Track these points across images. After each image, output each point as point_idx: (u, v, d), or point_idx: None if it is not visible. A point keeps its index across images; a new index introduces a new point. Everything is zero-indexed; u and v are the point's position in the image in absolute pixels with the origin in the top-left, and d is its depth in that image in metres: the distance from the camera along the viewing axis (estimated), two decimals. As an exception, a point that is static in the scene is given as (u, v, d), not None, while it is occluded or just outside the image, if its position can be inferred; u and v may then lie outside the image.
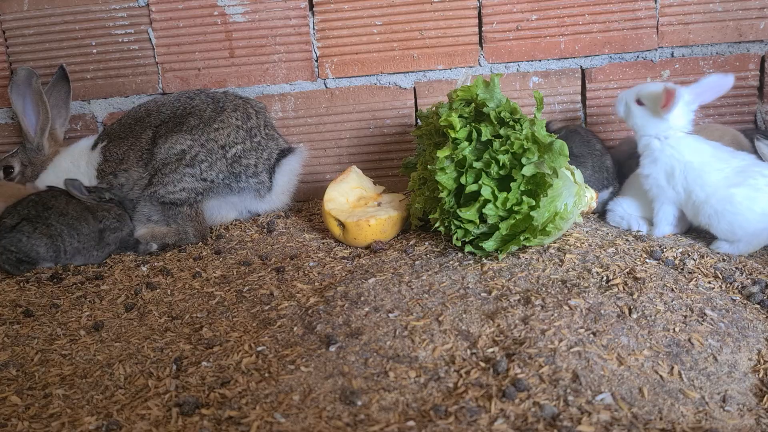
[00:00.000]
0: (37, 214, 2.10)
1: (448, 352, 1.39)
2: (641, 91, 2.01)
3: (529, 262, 1.78)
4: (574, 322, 1.46)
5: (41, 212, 2.11)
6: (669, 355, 1.37)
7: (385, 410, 1.22)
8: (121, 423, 1.26)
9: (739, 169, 1.87)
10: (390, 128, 2.64)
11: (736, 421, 1.20)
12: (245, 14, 2.57)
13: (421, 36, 2.55)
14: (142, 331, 1.67)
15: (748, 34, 2.48)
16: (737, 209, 1.83)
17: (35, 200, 2.16)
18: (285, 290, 1.80)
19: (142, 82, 2.65)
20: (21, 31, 2.63)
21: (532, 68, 2.56)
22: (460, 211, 1.79)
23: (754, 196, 1.82)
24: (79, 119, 2.70)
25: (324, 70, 2.60)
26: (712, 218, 1.87)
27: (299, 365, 1.39)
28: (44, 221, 2.09)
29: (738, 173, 1.87)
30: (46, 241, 2.07)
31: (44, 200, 2.16)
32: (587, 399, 1.21)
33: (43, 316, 1.80)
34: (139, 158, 2.36)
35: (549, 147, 1.72)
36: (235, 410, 1.25)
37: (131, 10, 2.60)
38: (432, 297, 1.63)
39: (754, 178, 1.84)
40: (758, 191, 1.82)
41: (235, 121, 2.34)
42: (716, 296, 1.61)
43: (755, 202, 1.82)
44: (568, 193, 1.84)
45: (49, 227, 2.08)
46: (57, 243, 2.09)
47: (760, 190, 1.82)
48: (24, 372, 1.50)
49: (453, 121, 1.81)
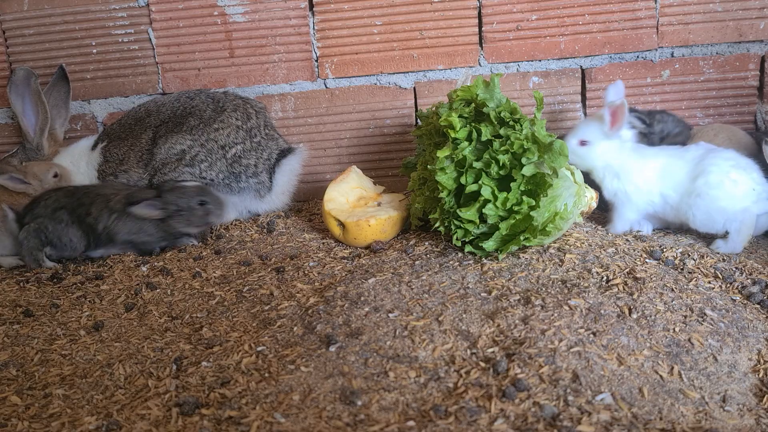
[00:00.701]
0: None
1: (448, 352, 1.39)
2: (576, 134, 2.03)
3: (529, 262, 1.78)
4: (574, 322, 1.46)
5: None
6: (669, 355, 1.37)
7: (385, 410, 1.22)
8: (121, 423, 1.26)
9: (697, 160, 1.92)
10: (390, 128, 2.64)
11: (736, 421, 1.20)
12: (245, 14, 2.57)
13: (421, 36, 2.55)
14: (142, 331, 1.67)
15: (748, 34, 2.48)
16: (707, 198, 1.86)
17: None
18: (285, 290, 1.80)
19: (142, 82, 2.65)
20: (21, 31, 2.63)
21: (532, 68, 2.56)
22: (460, 211, 1.79)
23: (718, 181, 1.86)
24: (79, 119, 2.70)
25: (324, 70, 2.60)
26: (689, 213, 1.91)
27: (299, 365, 1.39)
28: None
29: (696, 165, 1.91)
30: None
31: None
32: (587, 399, 1.21)
33: (43, 316, 1.80)
34: (139, 159, 2.36)
35: (549, 147, 1.72)
36: (235, 410, 1.25)
37: (131, 10, 2.60)
38: (432, 297, 1.63)
39: (713, 165, 1.88)
40: (721, 175, 1.86)
41: (235, 121, 2.34)
42: (716, 296, 1.61)
43: (720, 187, 1.85)
44: (568, 193, 1.84)
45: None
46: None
47: (723, 173, 1.86)
48: (24, 372, 1.50)
49: (453, 121, 1.81)
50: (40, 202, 2.17)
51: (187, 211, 2.11)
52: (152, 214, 2.10)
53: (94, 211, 2.12)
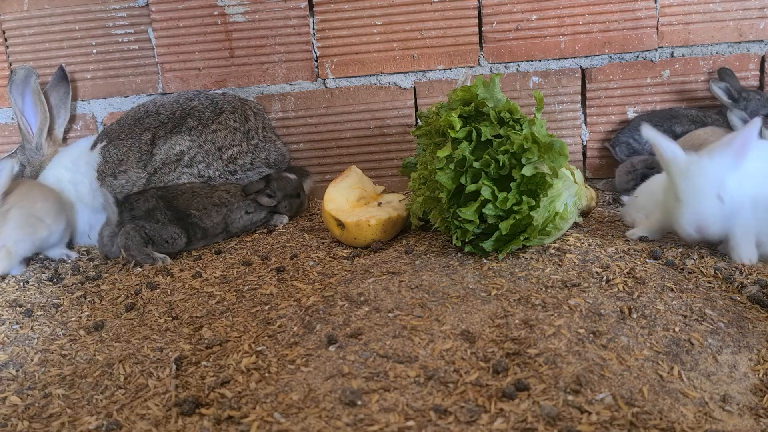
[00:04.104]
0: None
1: (448, 352, 1.39)
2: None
3: (529, 262, 1.78)
4: (574, 322, 1.46)
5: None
6: (669, 355, 1.37)
7: (385, 410, 1.22)
8: (121, 423, 1.26)
9: None
10: (390, 128, 2.64)
11: (736, 421, 1.20)
12: (245, 14, 2.57)
13: (421, 36, 2.55)
14: (142, 331, 1.66)
15: (748, 34, 2.48)
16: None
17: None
18: (285, 290, 1.79)
19: (142, 82, 2.65)
20: (21, 31, 2.63)
21: (532, 68, 2.56)
22: (460, 211, 1.79)
23: None
24: (79, 119, 2.70)
25: (324, 69, 2.60)
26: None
27: (299, 365, 1.39)
28: None
29: None
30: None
31: None
32: (587, 399, 1.21)
33: (43, 316, 1.80)
34: (138, 159, 2.36)
35: (549, 147, 1.72)
36: (235, 410, 1.25)
37: (131, 10, 2.60)
38: (432, 297, 1.63)
39: None
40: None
41: (232, 123, 2.34)
42: (716, 296, 1.61)
43: None
44: (568, 194, 1.84)
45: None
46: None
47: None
48: (24, 372, 1.50)
49: (453, 120, 1.81)
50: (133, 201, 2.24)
51: (291, 198, 2.42)
52: (270, 203, 2.34)
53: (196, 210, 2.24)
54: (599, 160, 2.64)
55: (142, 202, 2.18)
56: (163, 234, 2.15)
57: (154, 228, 2.14)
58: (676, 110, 2.50)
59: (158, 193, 2.23)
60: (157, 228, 2.14)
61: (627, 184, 2.36)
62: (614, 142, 2.53)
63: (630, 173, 2.37)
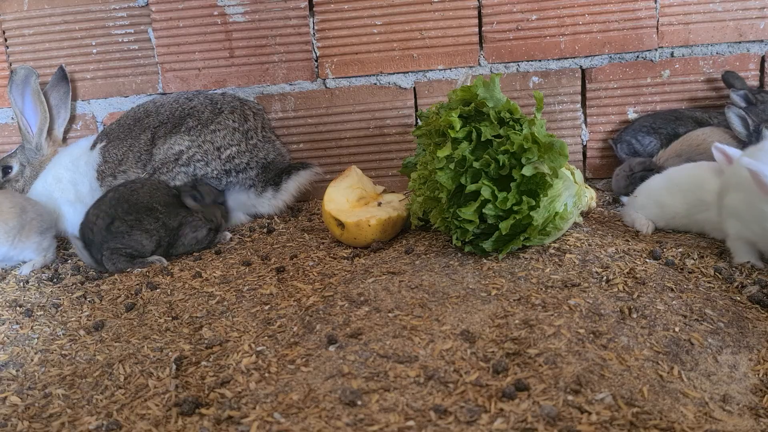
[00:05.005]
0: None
1: (448, 352, 1.39)
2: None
3: (529, 262, 1.78)
4: (574, 322, 1.46)
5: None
6: (669, 355, 1.37)
7: (385, 410, 1.22)
8: (121, 423, 1.26)
9: None
10: (390, 128, 2.64)
11: (736, 421, 1.20)
12: (245, 14, 2.57)
13: (421, 36, 2.55)
14: (142, 331, 1.66)
15: (748, 34, 2.48)
16: None
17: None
18: (285, 290, 1.79)
19: (142, 82, 2.65)
20: (21, 31, 2.63)
21: (532, 68, 2.56)
22: (460, 211, 1.79)
23: None
24: (79, 119, 2.70)
25: (324, 70, 2.60)
26: None
27: (299, 365, 1.39)
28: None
29: None
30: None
31: None
32: (587, 399, 1.21)
33: (43, 316, 1.80)
34: (138, 159, 2.36)
35: (549, 147, 1.72)
36: (235, 410, 1.25)
37: (131, 10, 2.60)
38: (432, 297, 1.63)
39: None
40: None
41: (231, 123, 2.35)
42: (716, 296, 1.61)
43: None
44: (568, 194, 1.84)
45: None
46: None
47: None
48: (24, 372, 1.50)
49: (453, 120, 1.81)
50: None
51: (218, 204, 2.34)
52: (195, 205, 2.25)
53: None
54: (599, 160, 2.64)
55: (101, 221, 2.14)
56: (131, 242, 2.11)
57: (124, 241, 2.10)
58: (680, 112, 2.49)
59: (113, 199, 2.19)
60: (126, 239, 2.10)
61: (626, 189, 2.35)
62: (617, 139, 2.54)
63: (628, 177, 2.36)
